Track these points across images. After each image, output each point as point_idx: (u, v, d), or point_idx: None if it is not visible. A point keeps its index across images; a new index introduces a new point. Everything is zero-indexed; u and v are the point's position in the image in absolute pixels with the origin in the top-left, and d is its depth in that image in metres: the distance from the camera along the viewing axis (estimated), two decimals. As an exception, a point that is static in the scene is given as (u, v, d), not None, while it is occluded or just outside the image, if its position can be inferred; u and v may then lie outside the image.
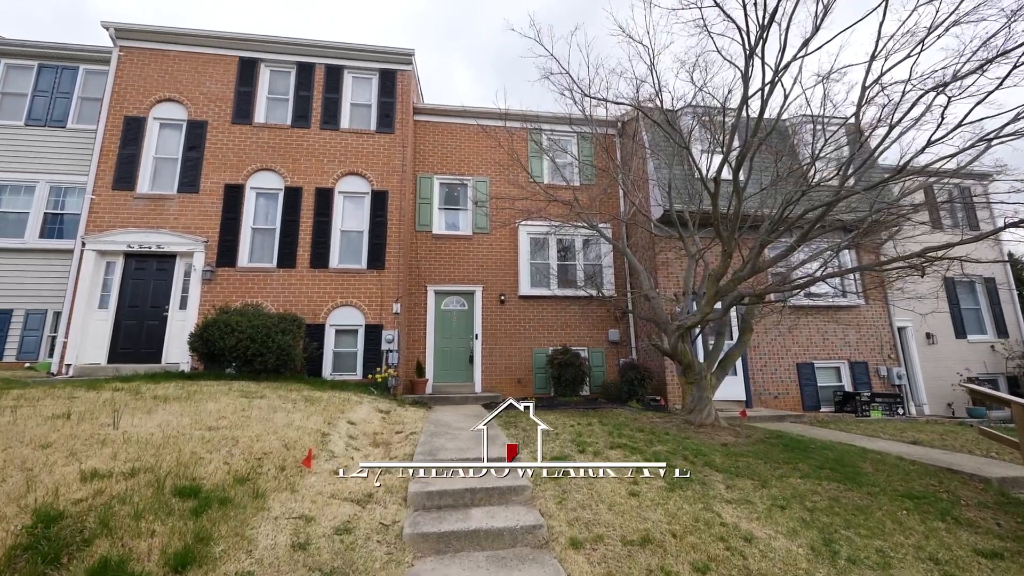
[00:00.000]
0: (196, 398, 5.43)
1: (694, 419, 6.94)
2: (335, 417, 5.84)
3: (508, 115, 10.32)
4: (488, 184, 12.56)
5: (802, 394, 11.42)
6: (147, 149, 10.40)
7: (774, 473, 4.96)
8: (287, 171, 10.64)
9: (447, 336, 11.78)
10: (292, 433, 4.69)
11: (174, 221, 10.09)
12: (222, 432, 4.27)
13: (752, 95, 5.03)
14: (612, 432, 6.02)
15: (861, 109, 5.06)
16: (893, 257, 5.61)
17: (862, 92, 5.02)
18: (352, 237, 10.73)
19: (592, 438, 5.69)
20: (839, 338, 11.90)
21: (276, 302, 9.92)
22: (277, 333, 8.20)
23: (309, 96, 11.11)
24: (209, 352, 8.04)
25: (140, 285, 9.98)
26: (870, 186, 5.26)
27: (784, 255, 5.71)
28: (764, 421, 9.53)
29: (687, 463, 4.99)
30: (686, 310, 7.02)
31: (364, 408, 6.89)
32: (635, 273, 11.94)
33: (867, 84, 4.99)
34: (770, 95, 5.01)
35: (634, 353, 12.23)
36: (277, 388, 7.14)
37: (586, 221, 9.27)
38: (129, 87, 10.58)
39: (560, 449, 5.20)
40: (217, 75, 10.91)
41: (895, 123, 4.96)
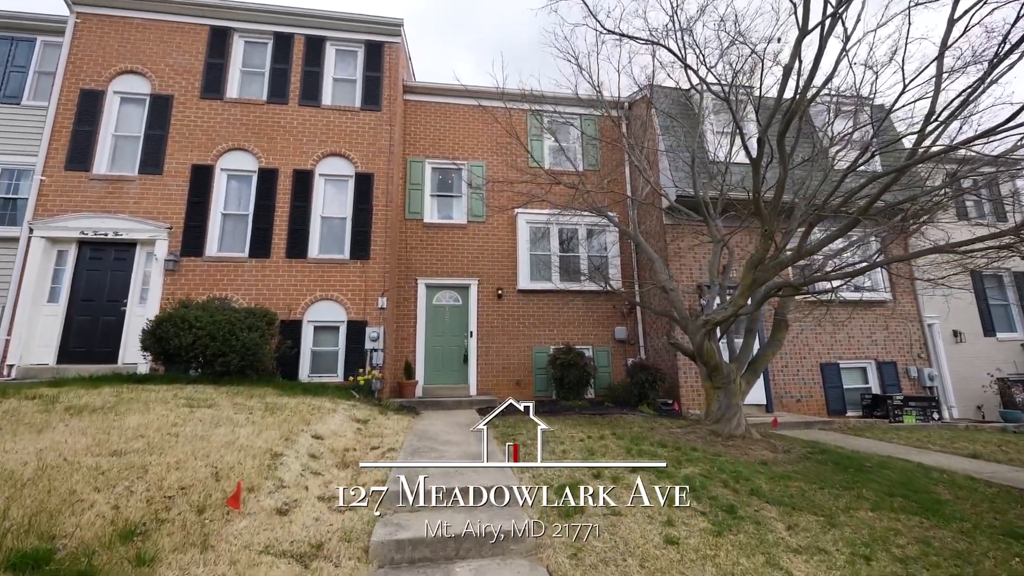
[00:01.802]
0: (120, 409, 4.42)
1: (721, 430, 5.96)
2: (297, 431, 4.84)
3: (506, 95, 9.25)
4: (484, 169, 11.54)
5: (826, 397, 10.46)
6: (105, 126, 9.35)
7: (837, 504, 3.98)
8: (262, 151, 9.60)
9: (439, 334, 10.78)
10: (230, 456, 3.69)
11: (134, 205, 9.05)
12: (129, 459, 3.27)
13: (812, 29, 4.02)
14: (630, 448, 5.04)
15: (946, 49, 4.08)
16: (961, 241, 4.63)
17: (949, 26, 4.03)
18: (334, 224, 9.71)
19: (607, 456, 4.70)
20: (865, 336, 10.93)
21: (248, 295, 8.90)
22: (242, 330, 7.19)
23: (287, 69, 10.07)
24: (164, 351, 7.03)
25: (96, 276, 8.94)
26: (948, 148, 4.28)
27: (841, 233, 4.71)
28: (792, 428, 8.57)
29: (729, 491, 4.01)
30: (711, 303, 6.05)
31: (337, 417, 5.89)
32: (648, 263, 10.97)
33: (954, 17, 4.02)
34: (830, 32, 4.02)
35: (643, 352, 11.25)
36: (237, 394, 6.13)
37: (593, 206, 8.29)
38: (86, 57, 9.53)
39: (571, 472, 4.21)
40: (185, 45, 9.86)
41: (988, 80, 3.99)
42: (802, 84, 4.18)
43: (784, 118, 4.35)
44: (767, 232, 4.83)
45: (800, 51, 4.06)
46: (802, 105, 4.33)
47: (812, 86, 4.19)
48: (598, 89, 7.98)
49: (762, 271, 5.07)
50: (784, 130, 4.38)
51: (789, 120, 4.24)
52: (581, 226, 11.20)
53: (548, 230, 11.35)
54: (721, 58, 4.88)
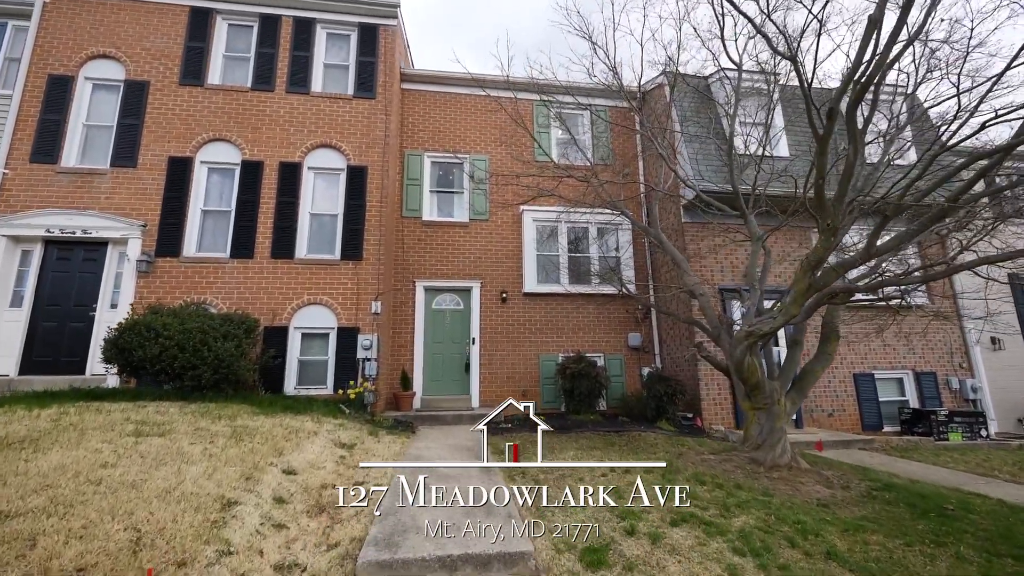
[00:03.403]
0: (45, 443, 3.61)
1: (763, 458, 5.12)
2: (264, 464, 4.03)
3: (512, 82, 8.36)
4: (488, 163, 10.73)
5: (861, 410, 9.58)
6: (75, 114, 8.58)
7: (936, 571, 3.13)
8: (245, 142, 8.81)
9: (439, 340, 9.96)
10: (164, 511, 2.88)
11: (106, 201, 8.27)
12: (14, 525, 2.45)
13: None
14: (663, 486, 4.19)
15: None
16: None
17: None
18: (324, 222, 8.91)
19: (638, 498, 3.86)
20: (902, 344, 10.04)
21: (229, 299, 8.11)
22: (216, 340, 6.38)
23: (274, 54, 9.28)
24: (127, 363, 6.23)
25: (63, 279, 8.17)
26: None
27: (920, 230, 3.85)
28: (830, 448, 7.71)
29: (799, 553, 3.17)
30: (751, 311, 5.22)
31: (318, 443, 5.08)
32: (665, 264, 10.12)
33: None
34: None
35: (658, 360, 10.41)
36: (204, 414, 5.33)
37: (608, 202, 7.46)
38: (56, 41, 8.76)
39: (599, 528, 3.36)
40: (163, 28, 9.08)
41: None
42: (883, 44, 3.35)
43: (858, 84, 3.52)
44: (830, 228, 3.99)
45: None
46: (883, 65, 3.49)
47: (897, 41, 3.36)
48: (614, 69, 7.14)
49: (823, 274, 4.24)
50: (858, 98, 3.55)
51: (866, 87, 3.40)
52: (592, 224, 10.36)
53: (556, 229, 10.52)
54: (770, 17, 4.06)
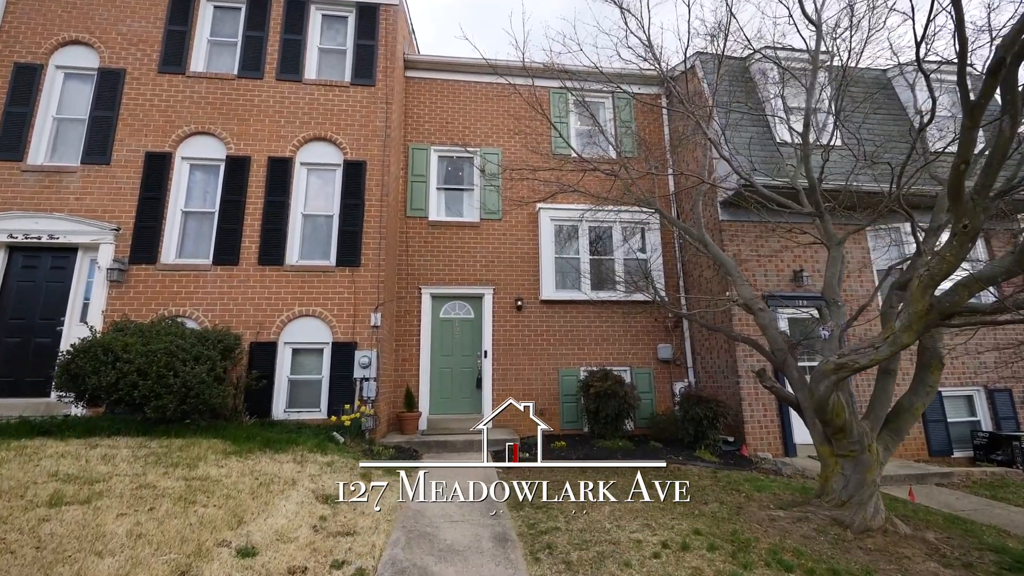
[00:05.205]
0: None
1: (850, 519, 4.04)
2: (213, 543, 3.07)
3: (530, 69, 7.24)
4: (500, 157, 9.71)
5: (927, 433, 8.39)
6: (44, 107, 7.75)
7: None
8: (231, 135, 7.90)
9: (447, 353, 8.98)
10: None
11: (75, 202, 7.42)
12: None
13: None
14: (724, 571, 3.15)
15: None
16: None
17: None
18: (318, 224, 7.97)
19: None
20: (971, 357, 8.82)
21: (210, 312, 7.20)
22: (185, 362, 5.44)
23: (263, 38, 8.35)
24: (81, 392, 5.34)
25: (27, 289, 7.33)
26: None
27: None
28: (899, 484, 6.59)
29: None
30: (835, 334, 4.15)
31: (295, 498, 4.11)
32: (695, 268, 8.97)
33: None
34: None
35: (691, 375, 9.31)
36: (159, 460, 4.40)
37: (640, 198, 6.42)
38: (23, 25, 7.93)
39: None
40: (141, 10, 8.20)
41: None
42: None
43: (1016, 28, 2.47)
44: (966, 230, 2.91)
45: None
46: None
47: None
48: (649, 43, 6.06)
49: (951, 292, 3.16)
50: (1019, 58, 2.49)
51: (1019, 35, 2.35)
52: (617, 223, 9.30)
53: (577, 229, 9.47)
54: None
